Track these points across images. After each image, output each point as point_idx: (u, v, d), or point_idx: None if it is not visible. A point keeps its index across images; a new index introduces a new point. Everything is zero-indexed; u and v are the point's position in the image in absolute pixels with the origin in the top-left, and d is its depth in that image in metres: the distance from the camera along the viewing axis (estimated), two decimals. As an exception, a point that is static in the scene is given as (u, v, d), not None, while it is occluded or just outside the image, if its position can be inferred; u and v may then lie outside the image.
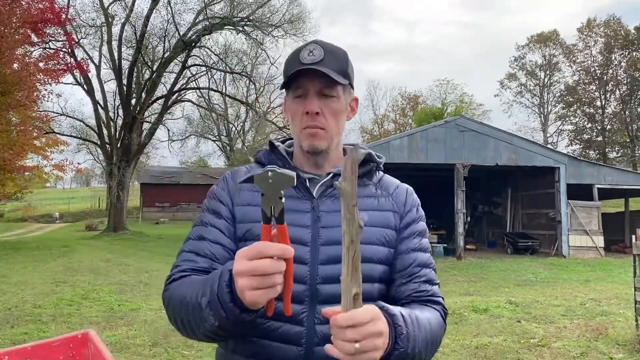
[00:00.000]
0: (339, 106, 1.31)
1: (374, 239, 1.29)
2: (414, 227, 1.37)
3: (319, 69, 1.23)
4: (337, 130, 1.33)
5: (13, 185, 21.79)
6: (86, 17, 28.06)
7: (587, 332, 6.73)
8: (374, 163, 1.41)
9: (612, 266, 15.93)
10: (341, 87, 1.30)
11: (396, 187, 1.42)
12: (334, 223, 1.26)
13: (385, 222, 1.34)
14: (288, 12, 29.36)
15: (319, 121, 1.28)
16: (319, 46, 1.28)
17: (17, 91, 16.74)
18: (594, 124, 50.31)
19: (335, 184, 0.95)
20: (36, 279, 10.72)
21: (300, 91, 1.29)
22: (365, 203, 1.33)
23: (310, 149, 1.30)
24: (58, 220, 43.84)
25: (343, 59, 1.31)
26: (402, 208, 1.38)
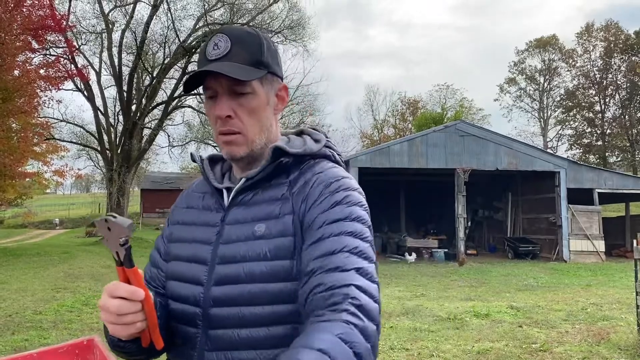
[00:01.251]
0: (256, 102, 1.14)
1: (269, 254, 1.06)
2: (320, 219, 1.05)
3: (219, 69, 1.08)
4: (260, 129, 1.15)
5: (13, 191, 21.80)
6: (87, 24, 28.14)
7: (589, 337, 6.71)
8: (287, 158, 1.16)
9: (613, 270, 15.91)
10: (257, 80, 1.13)
11: (307, 180, 1.13)
12: (233, 237, 1.12)
13: (282, 229, 1.08)
14: (288, 18, 29.45)
15: (234, 125, 1.13)
16: (225, 36, 1.12)
17: (18, 98, 16.77)
18: (593, 129, 50.35)
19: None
20: (36, 286, 10.71)
21: (210, 92, 1.14)
22: (268, 210, 1.12)
23: (229, 157, 1.17)
24: (58, 226, 43.81)
25: (255, 45, 1.13)
26: (303, 205, 1.09)
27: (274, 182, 1.16)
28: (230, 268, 1.09)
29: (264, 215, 1.11)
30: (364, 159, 19.44)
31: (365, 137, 56.32)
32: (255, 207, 1.14)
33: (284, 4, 29.21)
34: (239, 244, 1.10)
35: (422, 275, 14.45)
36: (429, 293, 10.85)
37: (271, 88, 1.18)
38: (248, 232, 1.11)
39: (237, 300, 1.07)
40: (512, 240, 21.86)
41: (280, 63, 1.21)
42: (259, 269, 1.06)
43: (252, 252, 1.08)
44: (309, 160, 1.20)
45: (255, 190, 1.16)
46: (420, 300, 9.69)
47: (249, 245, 1.09)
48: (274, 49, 1.18)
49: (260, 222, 1.11)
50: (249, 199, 1.16)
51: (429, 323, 7.55)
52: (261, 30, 8.32)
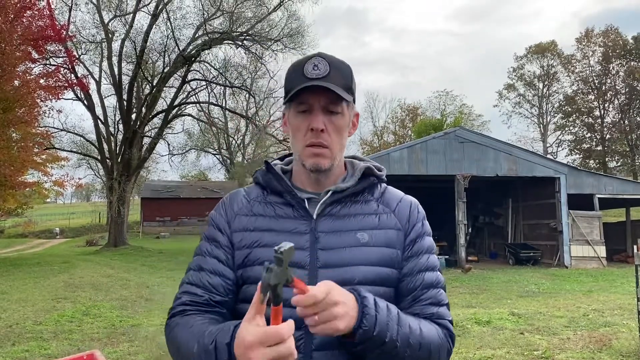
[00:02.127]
0: (343, 123, 1.27)
1: (374, 260, 1.23)
2: (419, 245, 1.30)
3: (325, 84, 1.20)
4: (340, 147, 1.29)
5: (14, 201, 21.80)
6: (86, 34, 28.26)
7: (591, 343, 6.69)
8: (374, 177, 1.34)
9: (614, 276, 15.88)
10: (345, 103, 1.25)
11: (399, 200, 1.34)
12: (333, 244, 1.22)
13: (387, 241, 1.26)
14: (287, 26, 29.55)
15: (324, 138, 1.24)
16: (324, 60, 1.23)
17: (18, 108, 16.82)
18: (593, 134, 50.39)
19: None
20: (37, 296, 10.68)
21: (304, 106, 1.24)
22: (366, 222, 1.27)
23: (314, 167, 1.26)
24: (58, 235, 43.77)
25: (348, 74, 1.26)
26: (406, 224, 1.31)
27: (361, 198, 1.31)
28: (337, 272, 1.19)
29: (364, 226, 1.26)
30: (364, 166, 19.44)
31: (365, 144, 56.43)
32: (349, 218, 1.27)
33: (283, 13, 29.34)
34: (342, 250, 1.23)
35: (423, 282, 14.41)
36: (430, 300, 10.81)
37: (352, 113, 1.32)
38: (351, 239, 1.24)
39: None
40: (513, 246, 21.83)
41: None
42: (367, 273, 1.21)
43: (359, 257, 1.22)
44: (381, 183, 1.37)
45: (342, 203, 1.29)
46: (421, 308, 9.66)
47: (355, 251, 1.23)
48: (355, 80, 1.30)
49: (361, 232, 1.25)
50: (337, 211, 1.28)
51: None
52: (260, 39, 8.33)
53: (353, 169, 1.36)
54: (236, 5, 27.95)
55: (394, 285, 1.26)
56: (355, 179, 1.30)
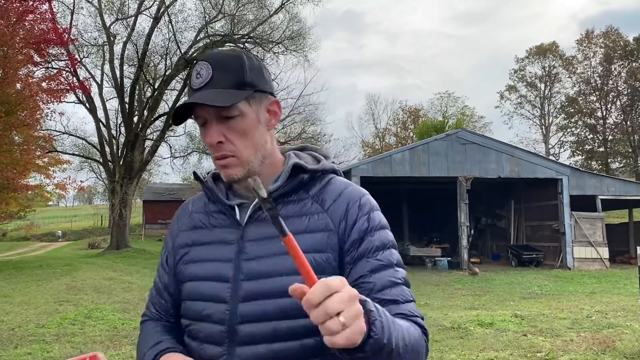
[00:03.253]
0: (246, 123, 1.14)
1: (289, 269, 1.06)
2: (368, 242, 1.13)
3: (200, 100, 1.10)
4: (254, 149, 1.16)
5: (16, 204, 21.84)
6: (88, 37, 28.30)
7: (594, 345, 6.67)
8: (306, 173, 1.19)
9: (617, 277, 15.84)
10: (244, 101, 1.14)
11: (337, 196, 1.17)
12: (259, 253, 1.13)
13: (316, 245, 1.11)
14: (288, 28, 29.56)
15: (226, 149, 1.14)
16: (206, 64, 1.14)
17: (20, 111, 16.84)
18: (595, 135, 50.31)
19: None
20: (39, 299, 10.69)
21: (200, 120, 1.16)
22: (295, 225, 1.12)
23: (227, 180, 1.19)
24: (61, 238, 43.82)
25: (237, 67, 1.14)
26: (341, 224, 1.14)
27: (294, 198, 1.18)
28: (260, 284, 1.10)
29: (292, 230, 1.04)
30: (365, 168, 19.45)
31: (366, 146, 56.34)
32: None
33: (285, 15, 29.37)
34: (266, 259, 1.12)
35: (425, 284, 14.40)
36: (433, 302, 10.81)
37: (260, 106, 1.18)
38: (275, 247, 1.11)
39: (270, 315, 1.08)
40: (515, 248, 21.80)
41: (268, 78, 1.21)
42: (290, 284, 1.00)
43: (284, 267, 1.08)
44: (323, 176, 1.22)
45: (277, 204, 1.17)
46: (423, 310, 9.64)
47: (279, 260, 1.09)
48: (258, 66, 1.18)
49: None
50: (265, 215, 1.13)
51: (433, 332, 7.50)
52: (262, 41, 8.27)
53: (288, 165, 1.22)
54: (237, 8, 27.99)
55: None
56: (283, 178, 1.18)
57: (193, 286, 1.20)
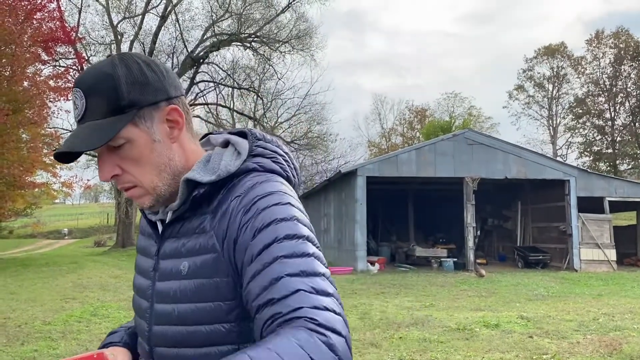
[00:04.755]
0: (138, 149, 1.00)
1: (191, 295, 1.00)
2: (248, 254, 0.94)
3: (67, 147, 0.97)
4: (156, 172, 1.03)
5: (22, 201, 21.95)
6: (96, 35, 28.46)
7: (601, 347, 6.62)
8: (200, 189, 1.03)
9: (625, 280, 15.74)
10: (128, 125, 0.98)
11: (225, 210, 1.00)
12: (167, 273, 1.06)
13: (205, 269, 0.99)
14: (295, 27, 29.61)
15: (125, 180, 1.03)
16: (79, 92, 0.98)
17: (28, 109, 16.93)
18: (603, 136, 50.01)
19: None
20: (45, 296, 10.74)
21: (93, 152, 1.05)
22: (191, 245, 1.03)
23: (142, 209, 1.11)
24: (67, 236, 44.04)
25: (109, 90, 0.98)
26: (224, 243, 0.98)
27: (198, 212, 1.05)
28: (165, 307, 1.04)
29: (187, 252, 1.03)
30: (371, 167, 19.41)
31: (373, 146, 56.31)
32: (181, 239, 1.06)
33: (291, 14, 29.40)
34: (171, 282, 1.05)
35: (431, 285, 14.36)
36: (438, 303, 10.77)
37: (152, 122, 1.02)
38: (176, 269, 1.04)
39: (173, 341, 1.04)
40: (522, 249, 21.70)
41: (157, 83, 1.02)
42: (189, 310, 1.00)
43: (181, 292, 1.01)
44: (231, 180, 1.04)
45: (183, 221, 1.07)
46: (429, 311, 9.62)
47: (178, 284, 1.02)
48: (138, 75, 1.00)
49: (184, 259, 1.03)
50: (177, 231, 1.07)
51: (439, 333, 7.48)
52: (268, 40, 8.18)
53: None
54: (244, 7, 28.04)
55: (236, 318, 0.98)
56: (180, 198, 1.04)
57: (134, 296, 1.21)
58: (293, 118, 38.64)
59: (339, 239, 21.49)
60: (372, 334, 7.47)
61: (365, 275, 16.66)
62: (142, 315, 1.12)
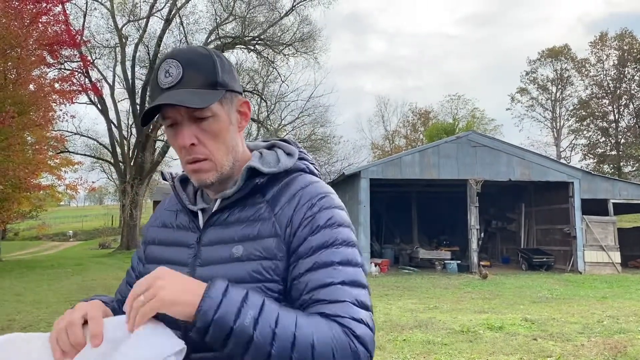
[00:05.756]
0: (219, 125, 1.10)
1: (246, 276, 1.05)
2: (305, 245, 1.06)
3: (173, 100, 1.04)
4: (226, 151, 1.13)
5: (28, 203, 22.04)
6: (100, 38, 28.60)
7: (605, 350, 6.61)
8: (262, 177, 1.13)
9: (629, 282, 15.69)
10: (218, 101, 1.09)
11: (289, 199, 1.11)
12: (210, 260, 1.11)
13: (265, 252, 1.07)
14: (299, 30, 29.69)
15: (199, 152, 1.09)
16: (175, 61, 1.08)
17: (33, 111, 17.01)
18: (607, 138, 49.87)
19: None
20: (51, 298, 10.78)
21: (169, 120, 1.10)
22: (246, 231, 1.10)
23: (199, 185, 1.14)
24: (72, 238, 44.16)
25: (208, 66, 1.09)
26: (287, 228, 1.08)
27: (250, 202, 1.14)
28: None
29: (241, 237, 1.10)
30: (375, 170, 19.42)
31: (376, 148, 56.31)
32: (231, 227, 1.12)
33: (295, 17, 29.47)
34: (217, 266, 1.09)
35: (435, 287, 14.35)
36: (442, 305, 10.76)
37: (232, 106, 1.14)
38: (225, 254, 1.09)
39: None
40: (525, 251, 21.65)
41: (237, 78, 1.18)
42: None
43: (231, 274, 1.05)
44: (284, 177, 1.16)
45: (230, 210, 1.14)
46: (433, 313, 9.62)
47: (228, 267, 1.07)
48: (229, 66, 1.14)
49: (237, 244, 1.09)
50: (224, 219, 1.14)
51: (442, 336, 7.48)
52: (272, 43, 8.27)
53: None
54: (248, 10, 28.13)
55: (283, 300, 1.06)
56: (239, 184, 1.13)
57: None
58: (297, 120, 38.69)
59: (343, 241, 21.45)
60: (375, 336, 7.47)
61: (369, 278, 16.67)
62: None
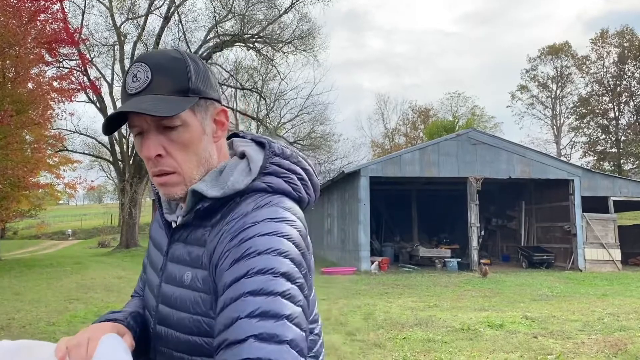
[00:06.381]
0: (189, 135, 1.01)
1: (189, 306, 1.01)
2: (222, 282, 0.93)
3: (137, 108, 0.96)
4: (197, 163, 1.04)
5: (27, 202, 22.01)
6: (99, 36, 28.54)
7: (606, 347, 6.59)
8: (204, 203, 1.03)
9: (629, 280, 15.68)
10: (188, 109, 1.00)
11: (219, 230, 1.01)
12: (171, 278, 1.06)
13: (201, 284, 1.00)
14: (298, 28, 29.64)
15: (166, 164, 1.01)
16: (144, 65, 0.99)
17: (32, 110, 16.97)
18: (608, 136, 49.88)
19: None
20: (50, 297, 10.76)
21: (136, 129, 1.02)
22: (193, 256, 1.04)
23: (168, 199, 1.08)
24: (71, 237, 44.16)
25: (179, 71, 1.01)
26: (211, 263, 0.99)
27: (203, 224, 1.05)
28: (167, 311, 1.06)
29: (191, 261, 1.03)
30: (375, 168, 19.39)
31: (376, 146, 56.30)
32: (188, 247, 1.06)
33: (294, 15, 29.42)
34: (174, 287, 1.05)
35: (435, 285, 14.33)
36: (442, 303, 10.74)
37: (206, 115, 1.05)
38: (179, 276, 1.04)
39: (169, 343, 1.05)
40: (526, 249, 21.64)
41: (214, 84, 1.08)
42: (185, 319, 1.01)
43: (180, 300, 1.02)
44: (237, 197, 1.03)
45: (190, 228, 1.07)
46: (433, 311, 9.60)
47: (179, 292, 1.03)
48: (204, 70, 1.04)
49: (188, 269, 1.03)
50: (185, 237, 1.08)
51: (442, 334, 7.46)
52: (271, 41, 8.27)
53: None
54: (247, 7, 28.07)
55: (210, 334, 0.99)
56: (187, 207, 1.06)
57: (145, 286, 1.22)
58: (296, 118, 38.70)
59: (343, 239, 21.48)
60: (375, 334, 7.46)
61: (369, 276, 16.64)
62: (149, 311, 1.14)
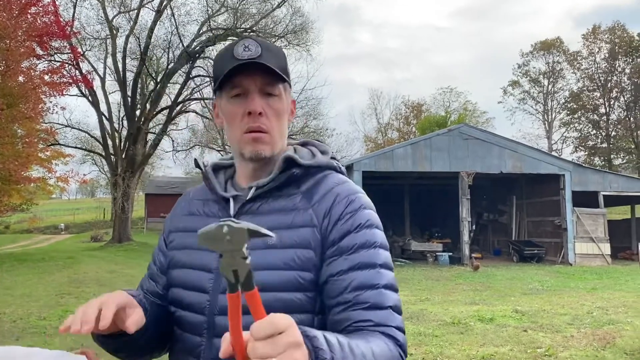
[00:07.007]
0: (281, 106, 1.17)
1: (280, 264, 1.07)
2: (350, 240, 1.08)
3: (260, 62, 1.10)
4: (280, 134, 1.18)
5: (18, 196, 21.85)
6: (91, 30, 28.28)
7: (595, 341, 6.67)
8: (298, 168, 1.16)
9: (619, 274, 15.83)
10: (282, 85, 1.17)
11: (325, 193, 1.14)
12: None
13: (300, 241, 1.09)
14: (291, 22, 29.51)
15: (262, 122, 1.13)
16: (254, 41, 1.13)
17: (23, 104, 16.83)
18: (598, 131, 50.17)
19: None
20: (41, 291, 10.72)
21: (238, 90, 1.14)
22: (281, 220, 1.12)
23: (254, 155, 1.15)
24: (63, 231, 43.95)
25: (281, 56, 1.17)
26: (325, 220, 1.10)
27: (285, 192, 1.16)
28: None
29: (275, 225, 1.09)
30: (367, 162, 19.43)
31: (369, 141, 56.34)
32: (264, 216, 1.13)
33: (287, 9, 29.30)
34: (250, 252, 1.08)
35: (426, 279, 14.41)
36: (434, 297, 10.82)
37: (289, 97, 1.22)
38: (257, 241, 1.04)
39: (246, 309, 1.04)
40: (517, 243, 21.79)
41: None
42: (270, 278, 1.05)
43: (263, 261, 1.06)
44: (318, 172, 1.20)
45: (263, 199, 1.16)
46: (424, 305, 9.66)
47: (259, 254, 1.05)
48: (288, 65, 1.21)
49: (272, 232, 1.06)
50: (256, 208, 1.16)
51: (433, 327, 7.52)
52: (264, 35, 8.31)
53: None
54: (240, 1, 27.94)
55: (313, 290, 1.08)
56: (275, 172, 1.15)
57: (179, 273, 1.20)
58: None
59: (335, 233, 21.51)
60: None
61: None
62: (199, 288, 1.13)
